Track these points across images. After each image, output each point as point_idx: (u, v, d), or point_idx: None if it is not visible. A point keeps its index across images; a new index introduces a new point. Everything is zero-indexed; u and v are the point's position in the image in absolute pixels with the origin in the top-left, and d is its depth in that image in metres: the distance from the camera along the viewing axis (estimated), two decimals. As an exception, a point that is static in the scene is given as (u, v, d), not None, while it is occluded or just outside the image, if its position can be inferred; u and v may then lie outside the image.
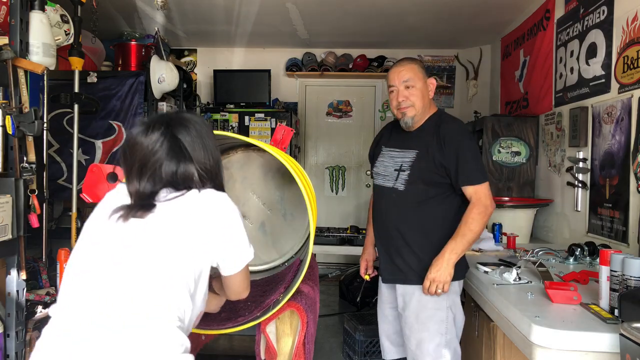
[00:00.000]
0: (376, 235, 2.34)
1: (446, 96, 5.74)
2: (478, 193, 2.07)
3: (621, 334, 1.34)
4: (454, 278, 2.07)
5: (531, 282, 2.08)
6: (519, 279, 2.08)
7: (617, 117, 2.67)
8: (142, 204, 1.34)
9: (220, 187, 1.46)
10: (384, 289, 2.36)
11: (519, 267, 2.19)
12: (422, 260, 2.11)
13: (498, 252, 2.81)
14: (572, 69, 3.23)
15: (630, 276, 1.56)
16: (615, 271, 1.62)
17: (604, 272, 1.68)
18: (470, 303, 2.31)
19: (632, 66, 2.53)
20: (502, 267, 2.31)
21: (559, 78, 3.45)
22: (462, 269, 2.17)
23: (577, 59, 3.15)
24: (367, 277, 2.45)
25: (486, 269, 2.28)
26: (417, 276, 2.11)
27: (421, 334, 2.10)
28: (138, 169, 1.37)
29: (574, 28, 3.22)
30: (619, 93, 2.66)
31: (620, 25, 2.67)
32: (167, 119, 1.42)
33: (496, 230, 3.06)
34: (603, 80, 2.83)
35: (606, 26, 2.81)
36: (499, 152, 3.79)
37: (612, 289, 1.64)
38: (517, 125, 3.80)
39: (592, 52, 2.96)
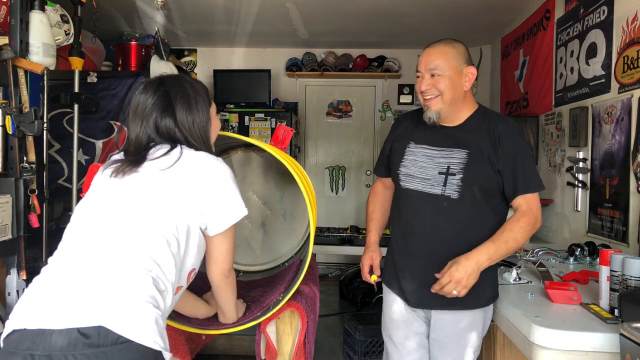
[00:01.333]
0: (407, 250, 1.95)
1: (446, 96, 5.74)
2: (530, 203, 1.80)
3: (621, 334, 1.34)
4: (490, 300, 1.87)
5: (531, 282, 2.07)
6: (519, 279, 2.08)
7: (617, 117, 2.67)
8: (132, 160, 1.45)
9: (211, 154, 1.54)
10: (405, 315, 1.99)
11: (519, 267, 2.19)
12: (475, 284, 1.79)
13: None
14: (572, 69, 3.23)
15: (630, 276, 1.56)
16: (615, 271, 1.62)
17: (604, 272, 1.67)
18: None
19: (632, 66, 2.53)
20: (502, 267, 2.31)
21: (559, 78, 3.45)
22: (493, 291, 1.90)
23: (577, 59, 3.15)
24: (374, 278, 2.06)
25: (486, 269, 2.27)
26: (471, 299, 1.80)
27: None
28: (133, 119, 1.52)
29: (574, 28, 3.22)
30: (619, 93, 2.66)
31: (620, 25, 2.67)
32: (163, 77, 1.59)
33: (496, 230, 3.05)
34: (603, 80, 2.83)
35: (606, 26, 2.81)
36: (499, 152, 3.78)
37: (612, 289, 1.64)
38: (517, 125, 3.80)
39: (592, 52, 2.96)
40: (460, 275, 1.68)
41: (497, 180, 1.82)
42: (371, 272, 2.06)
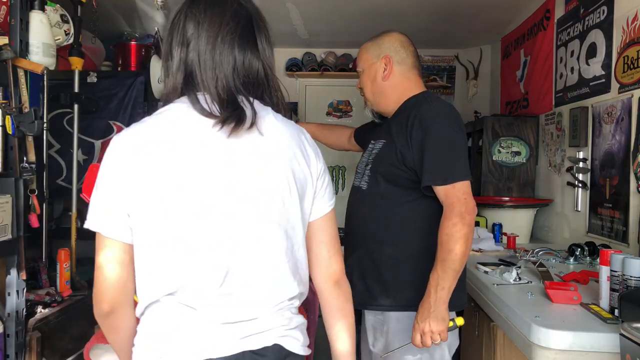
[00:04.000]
0: (345, 246, 1.85)
1: (446, 96, 5.74)
2: (449, 196, 1.59)
3: (621, 334, 1.34)
4: (412, 307, 1.65)
5: (531, 282, 2.08)
6: (519, 279, 2.08)
7: (617, 117, 2.67)
8: (233, 114, 1.05)
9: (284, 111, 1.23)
10: (366, 314, 1.88)
11: (519, 267, 2.19)
12: (387, 282, 1.70)
13: (498, 252, 2.81)
14: (572, 69, 3.23)
15: (631, 276, 1.56)
16: (616, 271, 1.62)
17: (604, 272, 1.68)
18: (470, 303, 2.31)
19: (632, 66, 2.53)
20: (502, 267, 2.31)
21: (559, 78, 3.45)
22: (457, 296, 1.68)
23: (578, 59, 3.15)
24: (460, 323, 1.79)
25: (486, 269, 2.28)
26: (383, 300, 1.71)
27: None
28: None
29: (574, 28, 3.22)
30: (619, 93, 2.66)
31: (620, 25, 2.67)
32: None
33: (496, 230, 3.06)
34: (603, 80, 2.83)
35: (606, 26, 2.81)
36: (499, 152, 3.79)
37: (612, 289, 1.64)
38: (517, 125, 3.80)
39: (592, 52, 2.96)
40: (422, 325, 1.57)
41: (402, 169, 1.68)
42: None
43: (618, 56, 2.68)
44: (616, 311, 1.58)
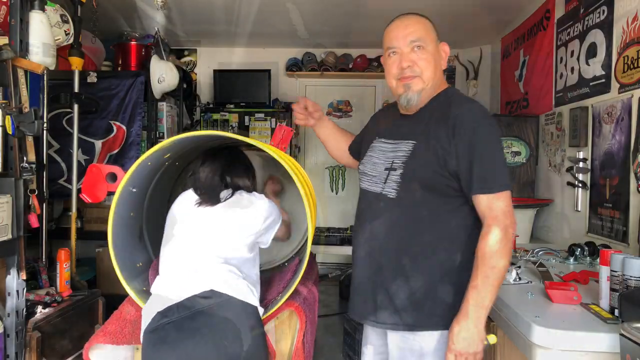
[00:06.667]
0: (355, 259, 1.73)
1: (446, 96, 5.74)
2: (494, 208, 1.46)
3: (621, 334, 1.34)
4: (447, 325, 1.50)
5: (531, 282, 2.07)
6: (519, 278, 2.07)
7: (617, 117, 2.67)
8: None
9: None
10: (368, 330, 1.78)
11: (519, 267, 2.19)
12: (419, 299, 1.55)
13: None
14: (572, 69, 3.23)
15: (631, 276, 1.56)
16: (616, 271, 1.62)
17: (604, 272, 1.67)
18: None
19: (632, 66, 2.53)
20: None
21: (559, 78, 3.45)
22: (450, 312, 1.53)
23: (578, 58, 3.15)
24: (493, 340, 1.57)
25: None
26: (416, 319, 1.55)
27: None
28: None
29: (574, 28, 3.22)
30: (619, 93, 2.66)
31: (621, 25, 2.67)
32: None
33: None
34: (603, 80, 2.83)
35: (606, 26, 2.81)
36: (499, 152, 3.78)
37: (612, 289, 1.64)
38: (517, 125, 3.80)
39: (592, 52, 2.96)
40: (459, 346, 1.43)
41: (444, 175, 1.51)
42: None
43: (618, 56, 2.68)
44: (616, 311, 1.58)
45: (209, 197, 2.01)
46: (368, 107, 5.94)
